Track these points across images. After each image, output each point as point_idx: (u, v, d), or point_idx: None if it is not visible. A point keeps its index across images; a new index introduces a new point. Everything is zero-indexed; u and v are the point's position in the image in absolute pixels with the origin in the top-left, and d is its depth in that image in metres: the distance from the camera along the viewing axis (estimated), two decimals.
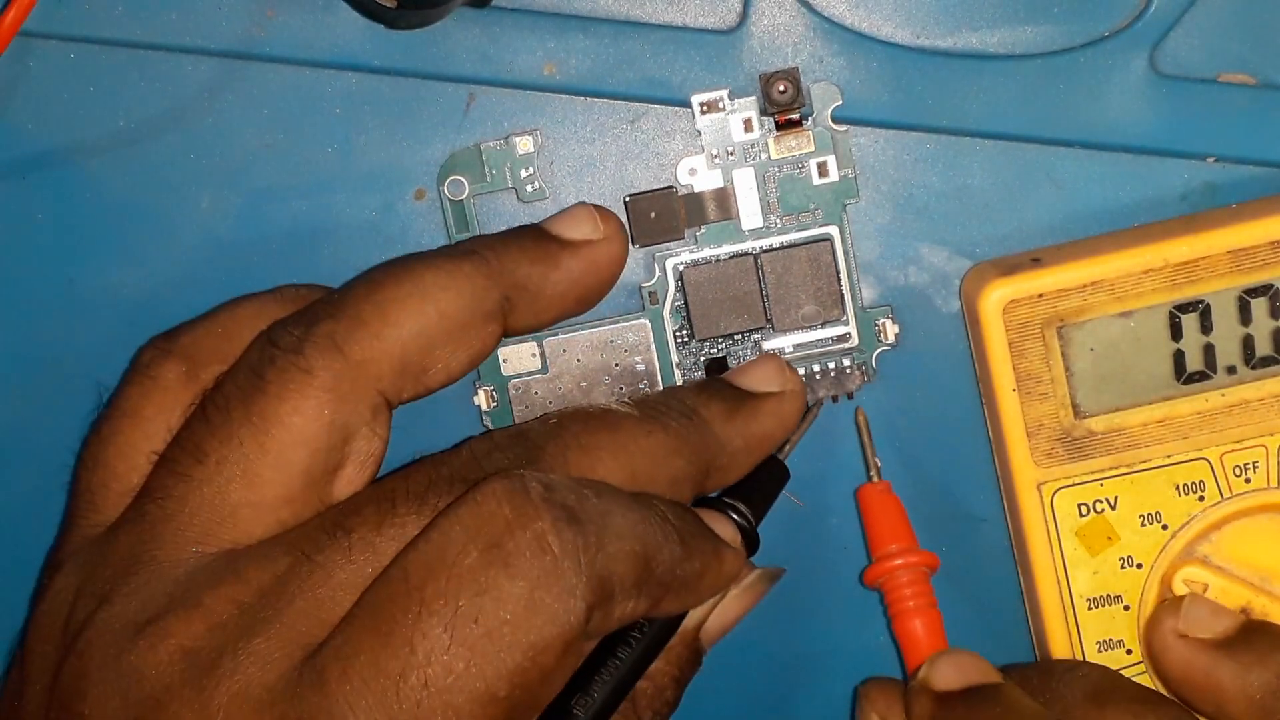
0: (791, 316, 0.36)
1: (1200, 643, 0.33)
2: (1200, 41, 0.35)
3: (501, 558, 0.26)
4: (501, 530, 0.26)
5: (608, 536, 0.27)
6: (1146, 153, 0.35)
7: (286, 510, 0.28)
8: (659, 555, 0.28)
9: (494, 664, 0.25)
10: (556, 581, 0.26)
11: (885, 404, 0.36)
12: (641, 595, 0.28)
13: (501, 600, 0.25)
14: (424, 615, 0.25)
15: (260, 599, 0.27)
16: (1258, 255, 0.33)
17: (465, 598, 0.25)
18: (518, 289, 0.31)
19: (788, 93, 0.35)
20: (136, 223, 0.36)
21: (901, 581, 0.35)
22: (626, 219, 0.35)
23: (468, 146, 0.35)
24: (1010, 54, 0.35)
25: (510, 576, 0.25)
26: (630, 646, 0.29)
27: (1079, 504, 0.34)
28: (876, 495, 0.36)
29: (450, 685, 0.25)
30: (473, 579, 0.25)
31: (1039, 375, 0.34)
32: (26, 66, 0.35)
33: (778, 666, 0.38)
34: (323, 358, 0.28)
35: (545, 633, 0.26)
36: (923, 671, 0.33)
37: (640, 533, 0.27)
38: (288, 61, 0.35)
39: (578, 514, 0.26)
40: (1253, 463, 0.34)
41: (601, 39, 0.35)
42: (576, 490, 0.27)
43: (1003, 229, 0.36)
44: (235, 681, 0.26)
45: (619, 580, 0.27)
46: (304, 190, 0.36)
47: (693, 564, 0.29)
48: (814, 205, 0.35)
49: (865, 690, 0.36)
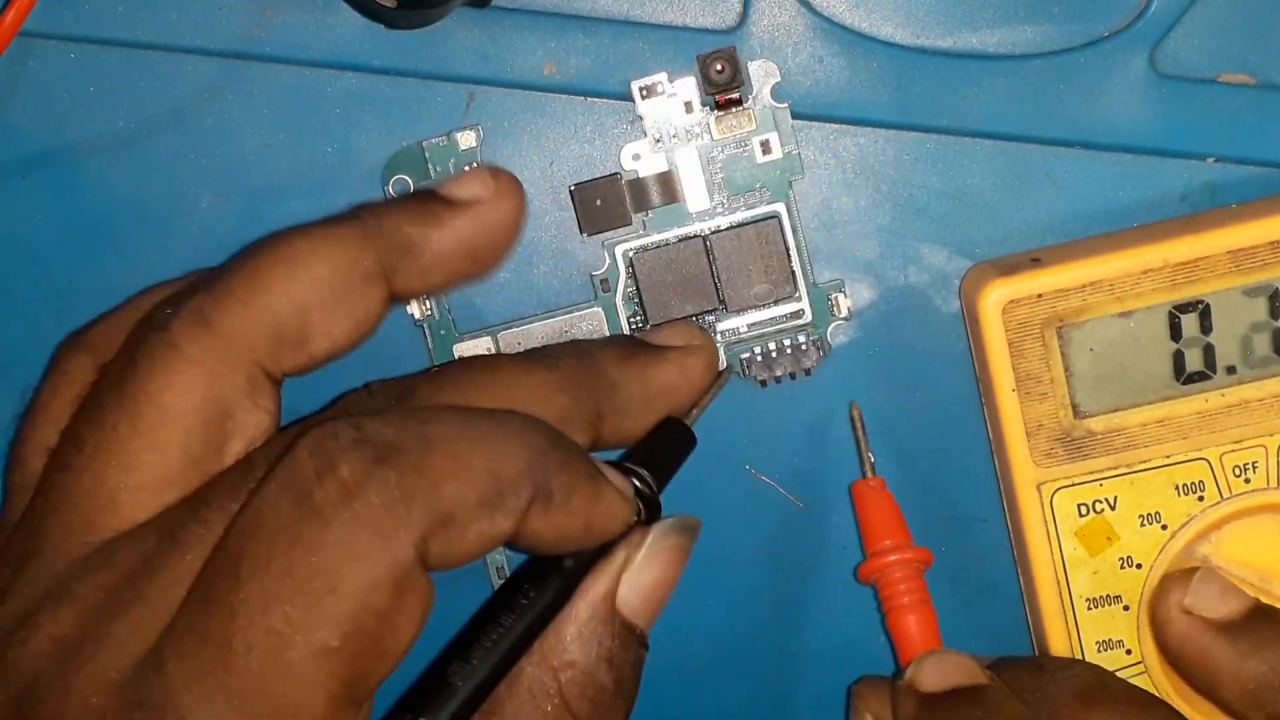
0: (744, 296, 0.36)
1: (1203, 621, 0.33)
2: (1200, 42, 0.35)
3: (311, 508, 0.25)
4: (309, 480, 0.25)
5: (433, 460, 0.26)
6: (1146, 153, 0.35)
7: (170, 492, 0.27)
8: (510, 467, 0.26)
9: (318, 615, 0.24)
10: (369, 523, 0.25)
11: (885, 404, 0.36)
12: (496, 513, 0.26)
13: (315, 550, 0.24)
14: (241, 579, 0.25)
15: (126, 582, 0.26)
16: (1257, 255, 0.33)
17: (278, 554, 0.24)
18: (398, 250, 0.30)
19: (725, 72, 0.34)
20: (136, 223, 0.36)
21: (895, 577, 0.35)
22: (573, 208, 0.35)
23: (410, 144, 0.35)
24: (1010, 54, 0.35)
25: (321, 526, 0.25)
26: (514, 612, 0.28)
27: (1078, 504, 0.34)
28: (870, 491, 0.36)
29: (278, 644, 0.24)
30: (284, 534, 0.25)
31: (1038, 375, 0.34)
32: (26, 66, 0.35)
33: (774, 662, 0.38)
34: (188, 331, 0.28)
35: (368, 575, 0.25)
36: (909, 672, 0.33)
37: (484, 448, 0.26)
38: (288, 61, 0.35)
39: (393, 446, 0.25)
40: (1252, 463, 0.34)
41: (601, 39, 0.35)
42: (397, 424, 0.26)
43: (1002, 229, 0.36)
44: (94, 665, 0.25)
45: (456, 502, 0.26)
46: (304, 190, 0.36)
47: (560, 478, 0.27)
48: (759, 184, 0.35)
49: (858, 689, 0.36)
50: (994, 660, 0.34)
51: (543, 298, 0.36)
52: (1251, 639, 0.33)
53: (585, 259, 0.36)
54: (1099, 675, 0.33)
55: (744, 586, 0.37)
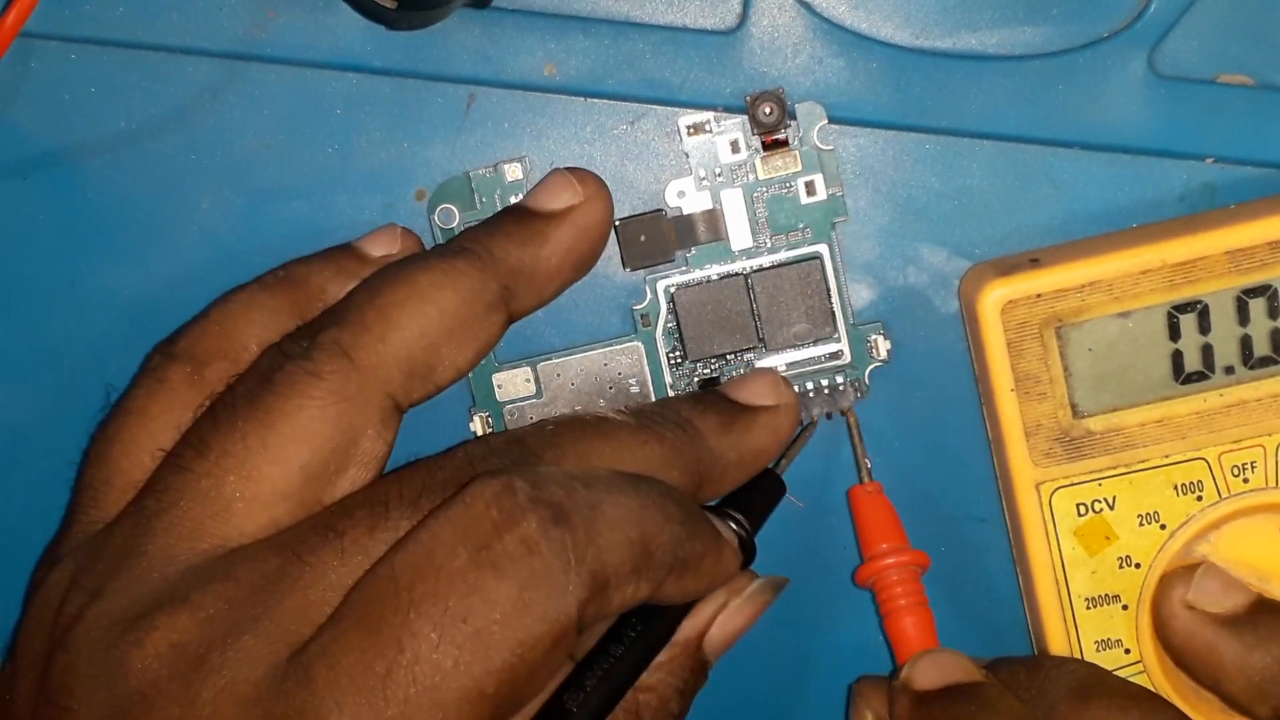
0: (783, 335, 0.36)
1: (1207, 616, 0.33)
2: (1199, 42, 0.35)
3: (490, 559, 0.26)
4: (489, 532, 0.26)
5: (599, 527, 0.27)
6: (1145, 153, 0.35)
7: (282, 507, 0.28)
8: (657, 538, 0.28)
9: (482, 662, 0.25)
10: (545, 581, 0.26)
11: (884, 405, 0.36)
12: (642, 580, 0.28)
13: (490, 601, 0.25)
14: (413, 615, 0.25)
15: (250, 597, 0.27)
16: (1256, 256, 0.33)
17: (454, 598, 0.25)
18: (514, 275, 0.31)
19: (773, 114, 0.35)
20: (137, 223, 0.36)
21: (892, 580, 0.35)
22: (617, 243, 0.35)
23: (457, 176, 0.35)
24: (1009, 55, 0.35)
25: (499, 578, 0.26)
26: (623, 643, 0.29)
27: (1077, 504, 0.35)
28: (866, 496, 0.36)
29: (438, 684, 0.25)
30: (462, 580, 0.26)
31: (1037, 375, 0.34)
32: (28, 67, 0.35)
33: (774, 664, 0.38)
34: (330, 362, 0.29)
35: (534, 631, 0.26)
36: (904, 671, 0.34)
37: (637, 518, 0.28)
38: (288, 62, 0.35)
39: (566, 509, 0.27)
40: (1250, 463, 0.34)
41: (601, 39, 0.35)
42: (566, 484, 0.27)
43: (1001, 229, 0.36)
44: (222, 677, 0.26)
45: (614, 569, 0.27)
46: (304, 191, 0.36)
47: (694, 545, 0.29)
48: (802, 224, 0.36)
49: (859, 688, 0.36)
50: (990, 661, 0.34)
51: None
52: (1256, 633, 0.33)
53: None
54: (1095, 672, 0.33)
55: None
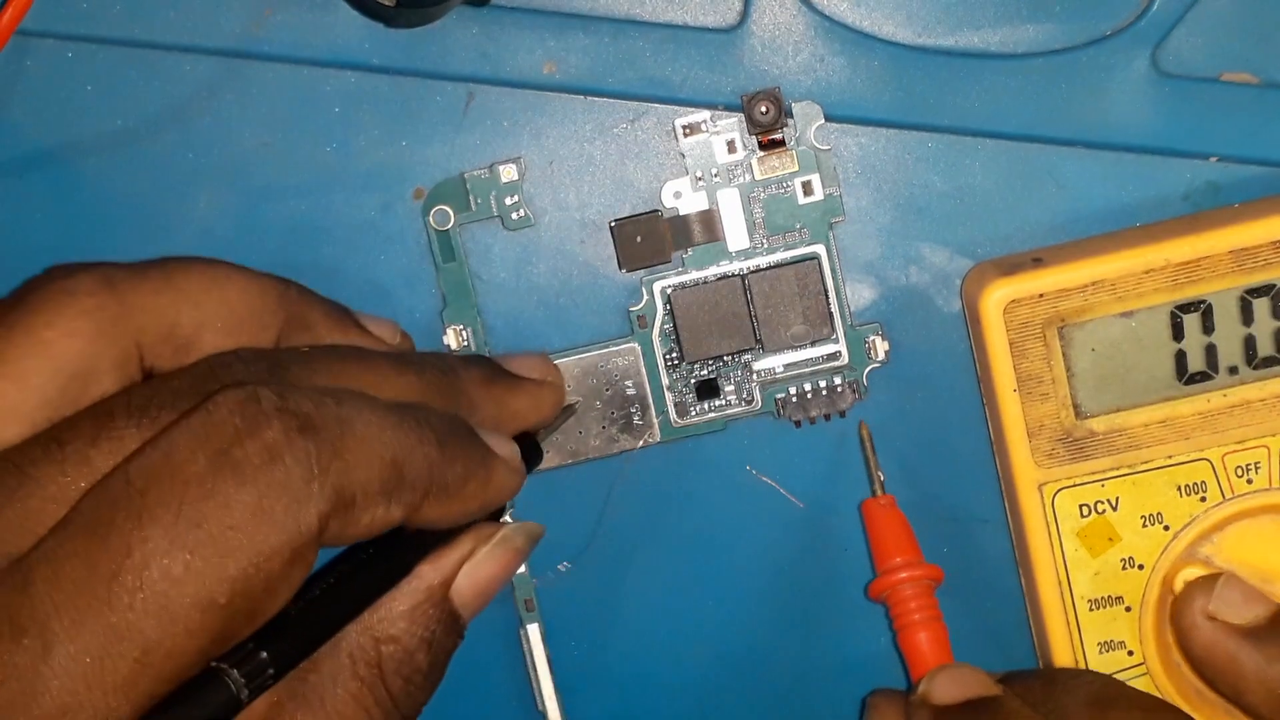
0: (781, 336, 0.36)
1: (1228, 626, 0.33)
2: (1203, 41, 0.34)
3: (229, 464, 0.25)
4: (231, 438, 0.25)
5: (348, 441, 0.26)
6: (1148, 152, 0.35)
7: (11, 426, 0.27)
8: (410, 458, 0.27)
9: (216, 570, 0.25)
10: (286, 491, 0.25)
11: (887, 405, 0.36)
12: (393, 501, 0.27)
13: (227, 507, 0.25)
14: (145, 519, 0.25)
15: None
16: (1260, 255, 0.33)
17: (189, 503, 0.25)
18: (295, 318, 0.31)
19: (769, 113, 0.35)
20: (134, 221, 0.36)
21: (906, 595, 0.35)
22: (613, 243, 0.35)
23: (452, 177, 0.35)
24: (1012, 53, 0.35)
25: (238, 484, 0.25)
26: (352, 564, 0.28)
27: (1080, 505, 0.34)
28: (880, 510, 0.36)
29: (167, 590, 0.24)
30: (198, 484, 0.25)
31: (1040, 375, 0.34)
32: (24, 65, 0.35)
33: (787, 676, 0.38)
34: (90, 283, 0.28)
35: (271, 541, 0.25)
36: (922, 686, 0.33)
37: (389, 437, 0.27)
38: (286, 60, 0.35)
39: (314, 420, 0.26)
40: (1254, 463, 0.34)
41: (601, 37, 0.35)
42: (315, 398, 0.27)
43: (1004, 229, 0.36)
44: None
45: (361, 485, 0.26)
46: (302, 189, 0.35)
47: (454, 468, 0.28)
48: (800, 225, 0.35)
49: (873, 700, 0.36)
50: (1003, 674, 0.34)
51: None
52: (1277, 644, 0.33)
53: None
54: (1111, 684, 0.33)
55: (757, 602, 0.37)
